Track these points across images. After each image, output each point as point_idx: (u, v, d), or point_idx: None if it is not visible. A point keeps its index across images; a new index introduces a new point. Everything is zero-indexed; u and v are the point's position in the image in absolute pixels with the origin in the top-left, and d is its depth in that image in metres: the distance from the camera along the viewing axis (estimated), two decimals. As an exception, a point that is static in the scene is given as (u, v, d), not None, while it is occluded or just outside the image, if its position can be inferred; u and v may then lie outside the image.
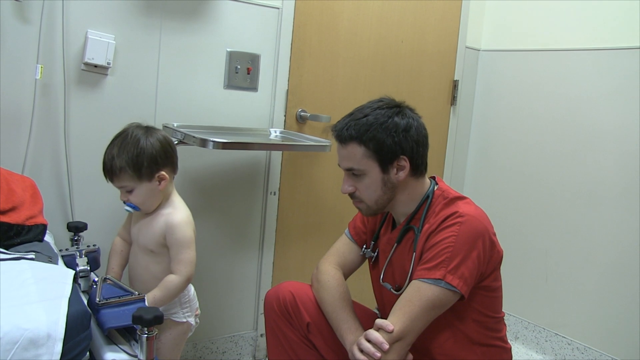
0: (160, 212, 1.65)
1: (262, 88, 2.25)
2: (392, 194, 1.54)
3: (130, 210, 1.63)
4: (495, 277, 1.54)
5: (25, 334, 0.99)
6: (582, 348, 2.49)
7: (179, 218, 1.63)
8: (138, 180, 1.58)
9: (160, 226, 1.63)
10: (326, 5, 2.38)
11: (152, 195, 1.62)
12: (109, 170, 1.58)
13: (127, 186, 1.59)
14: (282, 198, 2.39)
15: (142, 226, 1.66)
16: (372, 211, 1.58)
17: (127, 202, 1.62)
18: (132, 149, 1.56)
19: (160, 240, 1.63)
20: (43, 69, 1.78)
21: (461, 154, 3.00)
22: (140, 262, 1.68)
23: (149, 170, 1.58)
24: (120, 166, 1.55)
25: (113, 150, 1.57)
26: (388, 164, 1.50)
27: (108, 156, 1.58)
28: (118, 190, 1.63)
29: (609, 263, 2.42)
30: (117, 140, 1.59)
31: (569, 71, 2.56)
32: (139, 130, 1.60)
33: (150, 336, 1.16)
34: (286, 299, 1.65)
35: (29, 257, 1.34)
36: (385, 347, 1.36)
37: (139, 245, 1.68)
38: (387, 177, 1.51)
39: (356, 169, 1.51)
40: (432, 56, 2.75)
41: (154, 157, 1.58)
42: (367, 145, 1.48)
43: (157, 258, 1.66)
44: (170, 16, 2.01)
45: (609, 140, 2.41)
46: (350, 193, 1.56)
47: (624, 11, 2.36)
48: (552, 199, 2.62)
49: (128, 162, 1.55)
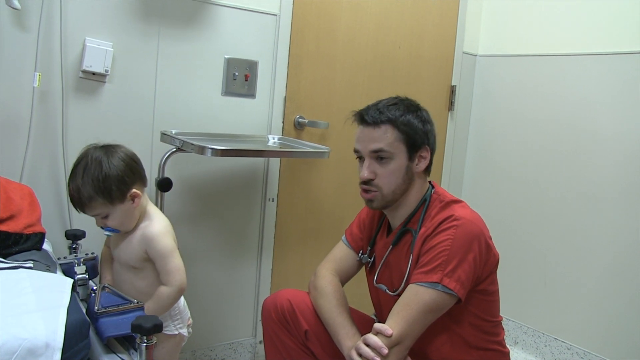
0: (138, 226, 1.61)
1: (260, 95, 2.25)
2: (408, 185, 1.56)
3: (111, 234, 1.59)
4: (491, 281, 1.55)
5: (23, 344, 0.99)
6: (582, 353, 2.49)
7: (156, 229, 1.59)
8: (111, 205, 1.52)
9: (138, 240, 1.59)
10: (324, 12, 2.38)
11: (129, 215, 1.57)
12: (77, 202, 1.51)
13: (101, 213, 1.53)
14: (281, 205, 2.39)
15: (121, 243, 1.63)
16: (385, 202, 1.57)
17: (105, 227, 1.57)
18: (97, 175, 1.48)
19: (141, 255, 1.60)
20: (41, 77, 1.78)
21: (459, 159, 3.00)
22: (125, 279, 1.65)
23: (120, 193, 1.52)
24: (89, 195, 1.48)
25: (77, 180, 1.49)
26: (414, 152, 1.54)
27: (73, 187, 1.50)
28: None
29: (607, 267, 2.41)
30: (78, 168, 1.51)
31: (566, 76, 2.56)
32: (98, 153, 1.52)
33: (149, 345, 1.15)
34: (284, 306, 1.65)
35: (27, 266, 1.33)
36: (385, 351, 1.37)
37: (120, 262, 1.65)
38: (410, 166, 1.54)
39: (386, 150, 1.52)
40: (430, 62, 2.76)
41: (121, 177, 1.52)
42: (401, 128, 1.52)
43: (141, 273, 1.63)
44: (168, 23, 2.01)
45: (606, 144, 2.41)
46: (368, 180, 1.55)
47: (622, 16, 2.37)
48: (550, 204, 2.63)
49: (96, 189, 1.48)
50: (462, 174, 3.03)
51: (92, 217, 1.57)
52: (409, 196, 1.58)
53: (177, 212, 2.09)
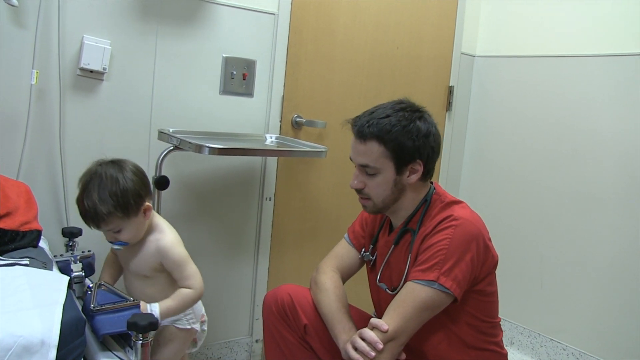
0: (148, 238, 1.64)
1: (257, 94, 2.25)
2: (399, 195, 1.56)
3: (120, 248, 1.60)
4: (489, 282, 1.56)
5: (18, 341, 0.99)
6: (578, 353, 2.49)
7: (169, 241, 1.63)
8: (127, 219, 1.53)
9: (151, 252, 1.63)
10: (322, 11, 2.38)
11: (141, 227, 1.60)
12: (93, 217, 1.50)
13: (115, 228, 1.54)
14: (278, 204, 2.39)
15: (131, 254, 1.65)
16: (377, 209, 1.59)
17: (115, 242, 1.58)
18: (115, 190, 1.50)
19: (154, 266, 1.64)
20: (38, 74, 1.78)
21: (457, 160, 3.00)
22: (135, 287, 1.69)
23: (136, 207, 1.54)
24: (108, 211, 1.49)
25: (92, 196, 1.49)
26: (403, 166, 1.52)
27: (89, 204, 1.49)
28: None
29: (604, 268, 2.42)
30: (91, 184, 1.51)
31: (564, 77, 2.56)
32: (110, 168, 1.54)
33: (145, 342, 1.16)
34: (284, 300, 1.67)
35: (23, 263, 1.33)
36: (380, 346, 1.38)
37: (130, 271, 1.68)
38: (399, 179, 1.53)
39: (371, 166, 1.52)
40: (428, 62, 2.76)
41: (137, 191, 1.54)
42: (387, 145, 1.49)
43: (152, 281, 1.66)
44: (166, 22, 2.01)
45: (604, 145, 2.41)
46: (359, 189, 1.57)
47: (619, 18, 2.38)
48: (548, 205, 2.63)
49: (115, 205, 1.49)
50: (459, 175, 3.03)
51: (104, 232, 1.57)
52: (403, 203, 1.58)
53: (174, 210, 2.09)
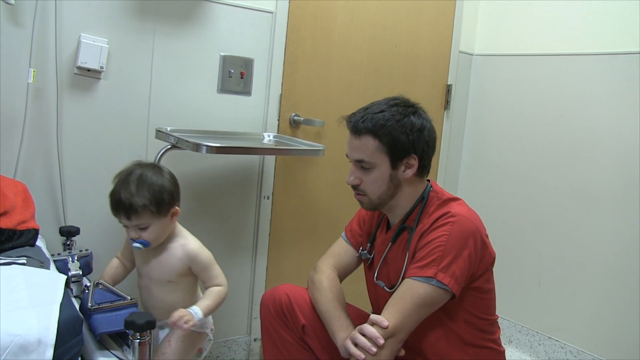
0: (171, 245, 1.68)
1: (255, 92, 2.25)
2: (395, 190, 1.56)
3: (141, 247, 1.61)
4: (487, 279, 1.56)
5: (15, 340, 0.99)
6: (575, 351, 2.49)
7: (195, 245, 1.70)
8: (157, 216, 1.58)
9: (179, 257, 1.67)
10: (320, 10, 2.38)
11: (165, 230, 1.64)
12: (127, 208, 1.55)
13: (144, 223, 1.58)
14: (276, 202, 2.39)
15: (155, 261, 1.67)
16: (373, 205, 1.59)
17: (137, 240, 1.60)
18: (154, 187, 1.58)
19: (181, 271, 1.68)
20: (35, 73, 1.77)
21: (455, 158, 3.00)
22: (155, 295, 1.70)
23: (168, 207, 1.60)
24: (143, 204, 1.55)
25: (130, 188, 1.56)
26: (398, 161, 1.52)
27: (125, 195, 1.55)
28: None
29: (602, 266, 2.42)
30: (130, 178, 1.58)
31: (563, 76, 2.56)
32: (150, 169, 1.62)
33: (142, 341, 1.16)
34: (282, 300, 1.67)
35: (20, 262, 1.33)
36: (381, 342, 1.38)
37: (152, 279, 1.70)
38: (395, 174, 1.53)
39: (366, 161, 1.52)
40: (426, 60, 2.76)
41: (172, 193, 1.62)
42: (382, 139, 1.50)
43: (174, 287, 1.70)
44: (163, 20, 2.00)
45: (603, 144, 2.41)
46: (355, 185, 1.57)
47: (618, 16, 2.38)
48: (546, 203, 2.63)
49: (151, 199, 1.56)
50: (457, 173, 3.03)
51: (131, 226, 1.59)
52: (400, 199, 1.58)
53: (171, 209, 2.09)
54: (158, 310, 1.69)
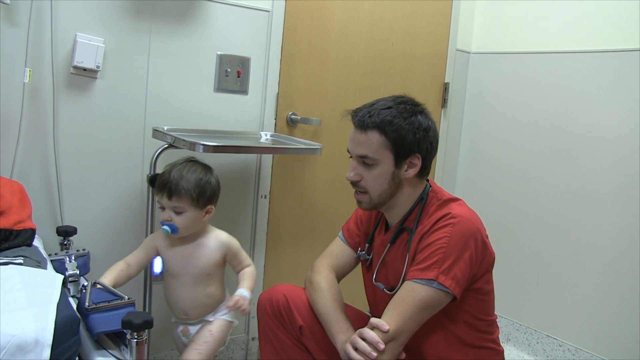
0: (205, 240, 1.80)
1: (252, 91, 2.25)
2: (395, 190, 1.54)
3: (169, 231, 1.70)
4: (487, 280, 1.55)
5: (12, 340, 0.98)
6: (574, 349, 2.50)
7: (226, 235, 1.84)
8: (194, 205, 1.70)
9: (215, 248, 1.80)
10: (316, 8, 2.38)
11: (196, 222, 1.74)
12: (172, 188, 1.67)
13: (180, 207, 1.69)
14: (273, 201, 2.39)
15: (193, 258, 1.78)
16: (372, 204, 1.57)
17: (168, 223, 1.70)
18: (201, 177, 1.72)
19: (217, 261, 1.80)
20: (31, 73, 1.77)
21: (452, 156, 3.00)
22: (194, 291, 1.79)
23: (206, 201, 1.73)
24: (187, 187, 1.68)
25: (182, 171, 1.70)
26: (402, 159, 1.51)
27: (176, 175, 1.68)
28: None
29: (600, 264, 2.42)
30: (185, 164, 1.73)
31: (560, 73, 2.57)
32: (201, 165, 1.76)
33: (139, 341, 1.15)
34: (279, 301, 1.65)
35: (17, 262, 1.32)
36: (382, 346, 1.37)
37: (191, 276, 1.78)
38: (397, 172, 1.52)
39: (370, 157, 1.50)
40: (423, 59, 2.76)
41: (214, 191, 1.76)
42: (388, 136, 1.49)
43: (211, 279, 1.81)
44: (159, 19, 2.00)
45: (601, 142, 2.41)
46: (355, 182, 1.55)
47: (615, 13, 2.38)
48: (543, 201, 2.63)
49: (194, 187, 1.69)
50: (455, 171, 3.03)
51: (168, 208, 1.69)
52: (400, 199, 1.57)
53: (169, 208, 2.09)
54: (195, 309, 1.81)
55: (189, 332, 1.84)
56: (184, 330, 1.85)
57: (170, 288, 1.83)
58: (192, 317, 1.83)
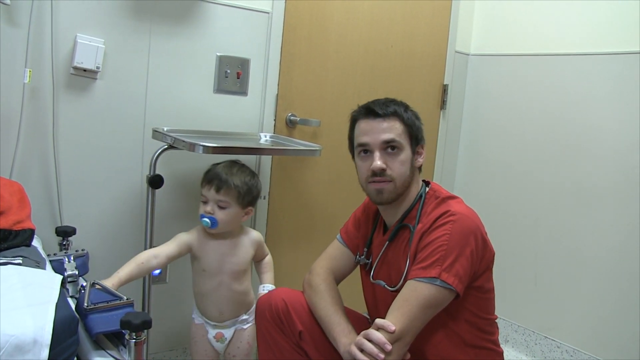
0: (242, 238, 1.88)
1: (252, 92, 2.25)
2: (411, 179, 1.59)
3: (209, 223, 1.77)
4: (487, 278, 1.56)
5: (10, 340, 0.98)
6: (571, 351, 2.50)
7: (254, 231, 1.95)
8: (239, 202, 1.78)
9: (251, 244, 1.89)
10: (316, 10, 2.38)
11: (236, 220, 1.82)
12: (224, 181, 1.75)
13: (225, 202, 1.76)
14: (272, 203, 2.39)
15: (227, 255, 1.84)
16: (396, 193, 1.56)
17: (209, 215, 1.76)
18: (249, 178, 1.81)
19: (250, 257, 1.89)
20: (32, 73, 1.77)
21: (451, 158, 3.01)
22: (231, 289, 1.85)
23: (249, 202, 1.82)
24: (236, 184, 1.76)
25: (233, 169, 1.79)
26: (415, 146, 1.59)
27: (226, 171, 1.78)
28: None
29: (599, 265, 2.43)
30: (235, 164, 1.83)
31: (559, 76, 2.57)
32: (248, 168, 1.85)
33: (138, 341, 1.15)
34: (278, 306, 1.64)
35: (16, 262, 1.33)
36: (388, 347, 1.36)
37: (229, 273, 1.84)
38: (414, 159, 1.59)
39: (397, 141, 1.55)
40: (422, 60, 2.76)
41: (258, 194, 1.86)
42: (406, 122, 1.57)
43: (246, 275, 1.89)
44: (159, 20, 2.00)
45: (598, 144, 2.42)
46: (382, 170, 1.54)
47: (613, 16, 2.38)
48: (542, 203, 2.64)
49: (242, 185, 1.77)
50: (454, 173, 3.04)
51: (214, 201, 1.76)
52: (411, 190, 1.60)
53: (168, 209, 2.09)
54: (232, 305, 1.87)
55: (223, 337, 1.87)
56: (218, 335, 1.87)
57: (206, 287, 1.84)
58: (226, 315, 1.86)
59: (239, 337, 1.89)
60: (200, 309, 1.89)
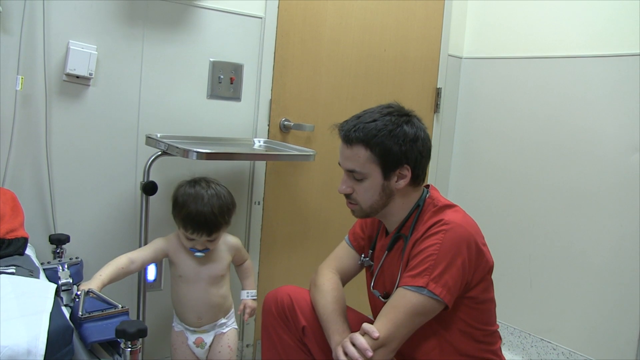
0: (218, 244, 1.86)
1: (245, 98, 2.25)
2: (387, 200, 1.55)
3: (202, 255, 1.78)
4: (484, 288, 1.53)
5: (4, 351, 0.97)
6: (567, 353, 2.50)
7: (231, 237, 1.92)
8: (225, 229, 1.80)
9: (227, 250, 1.89)
10: (309, 14, 2.38)
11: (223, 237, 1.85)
12: (213, 225, 1.72)
13: (217, 236, 1.77)
14: (267, 208, 2.39)
15: (204, 261, 1.82)
16: (364, 214, 1.58)
17: (202, 249, 1.77)
18: (229, 204, 1.77)
19: (228, 262, 1.89)
20: (24, 80, 1.76)
21: (445, 162, 3.01)
22: (212, 293, 1.84)
23: (231, 217, 1.80)
24: (225, 222, 1.75)
25: (214, 209, 1.72)
26: (390, 171, 1.50)
27: (209, 212, 1.71)
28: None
29: (594, 268, 2.43)
30: (207, 197, 1.73)
31: (552, 78, 2.58)
32: (216, 185, 1.79)
33: (133, 350, 1.15)
34: (284, 301, 1.66)
35: (9, 272, 1.32)
36: (369, 354, 1.36)
37: (207, 279, 1.83)
38: (387, 184, 1.52)
39: (358, 171, 1.51)
40: (415, 64, 2.76)
41: (235, 208, 1.82)
42: (373, 150, 1.48)
43: (224, 280, 1.88)
44: (152, 26, 2.00)
45: (593, 147, 2.42)
46: (346, 194, 1.57)
47: (606, 19, 2.39)
48: (536, 205, 2.64)
49: (227, 217, 1.76)
50: (447, 176, 3.04)
51: (201, 241, 1.74)
52: (392, 208, 1.57)
53: (162, 216, 2.08)
54: (210, 310, 1.85)
55: (203, 342, 1.86)
56: (197, 341, 1.86)
57: (183, 293, 1.83)
58: (205, 320, 1.85)
59: (219, 341, 1.89)
60: (178, 315, 1.88)
